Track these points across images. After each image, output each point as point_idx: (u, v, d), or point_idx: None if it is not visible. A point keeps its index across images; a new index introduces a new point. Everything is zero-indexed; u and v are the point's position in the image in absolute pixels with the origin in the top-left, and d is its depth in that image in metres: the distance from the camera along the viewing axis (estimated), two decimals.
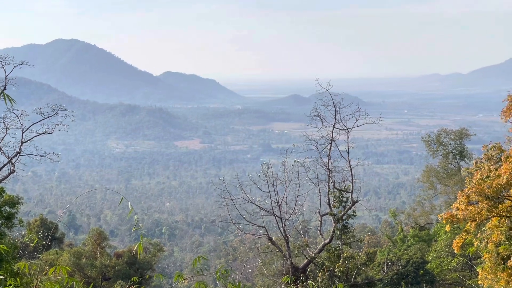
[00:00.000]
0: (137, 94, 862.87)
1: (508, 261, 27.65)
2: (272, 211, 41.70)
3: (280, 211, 41.66)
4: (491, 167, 34.74)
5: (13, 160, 40.99)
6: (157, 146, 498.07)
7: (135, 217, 12.39)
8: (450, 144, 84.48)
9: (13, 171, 40.96)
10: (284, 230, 41.67)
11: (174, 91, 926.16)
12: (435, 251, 64.97)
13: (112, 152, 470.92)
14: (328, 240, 42.28)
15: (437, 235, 69.96)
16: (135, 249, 12.41)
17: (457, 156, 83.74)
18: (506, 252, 25.53)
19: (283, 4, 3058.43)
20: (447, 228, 37.33)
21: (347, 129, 42.14)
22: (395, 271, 60.09)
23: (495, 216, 33.97)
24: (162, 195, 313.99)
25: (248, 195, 42.20)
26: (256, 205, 42.61)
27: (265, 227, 42.38)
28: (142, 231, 13.23)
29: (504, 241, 31.38)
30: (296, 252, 43.33)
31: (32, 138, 41.88)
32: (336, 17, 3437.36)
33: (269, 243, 44.70)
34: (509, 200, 33.63)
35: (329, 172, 42.17)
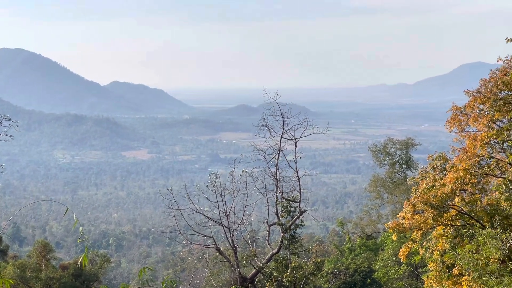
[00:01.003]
0: (84, 104, 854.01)
1: (453, 270, 27.96)
2: (220, 221, 41.59)
3: (228, 221, 41.58)
4: (436, 176, 35.19)
5: None
6: (105, 157, 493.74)
7: (80, 228, 12.20)
8: (396, 153, 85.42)
9: None
10: (232, 240, 41.59)
11: (122, 101, 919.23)
12: (382, 260, 65.50)
13: (58, 163, 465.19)
14: (276, 250, 42.29)
15: (384, 244, 70.55)
16: (80, 261, 12.21)
17: (403, 166, 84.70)
18: (451, 260, 25.84)
19: (232, 15, 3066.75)
20: (394, 237, 37.68)
21: (294, 139, 42.26)
22: (343, 280, 60.48)
23: (440, 225, 34.39)
24: (110, 206, 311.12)
25: (196, 205, 42.03)
26: (204, 215, 42.46)
27: (213, 238, 42.24)
28: (87, 243, 13.04)
29: (449, 249, 31.75)
30: (244, 262, 43.24)
31: None
32: (283, 28, 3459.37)
33: (217, 254, 44.57)
34: (454, 209, 34.08)
35: (277, 182, 42.22)
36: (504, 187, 30.68)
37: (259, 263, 42.28)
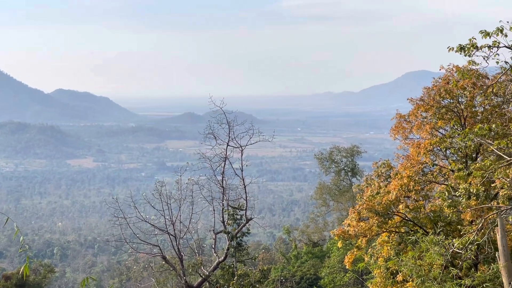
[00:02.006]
0: (27, 112, 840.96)
1: (397, 276, 28.28)
2: (166, 229, 41.32)
3: (174, 230, 41.34)
4: (381, 183, 35.57)
5: None
6: (49, 165, 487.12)
7: (21, 238, 12.01)
8: (342, 161, 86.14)
9: None
10: (178, 248, 41.36)
11: (67, 109, 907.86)
12: (328, 267, 65.90)
13: (1, 171, 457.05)
14: (222, 258, 42.18)
15: (330, 251, 71.01)
16: (21, 270, 12.02)
17: (349, 173, 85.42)
18: (395, 266, 26.14)
19: (175, 23, 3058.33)
20: (339, 244, 38.00)
21: (241, 146, 42.25)
22: (289, 287, 60.60)
23: (385, 231, 34.75)
24: (54, 215, 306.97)
25: (142, 214, 41.71)
26: (150, 223, 42.14)
27: (159, 246, 41.94)
28: (29, 252, 12.84)
29: (393, 256, 32.10)
30: (190, 270, 43.03)
31: None
32: (228, 37, 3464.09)
33: (163, 262, 44.25)
34: (398, 215, 34.47)
35: (223, 190, 42.14)
36: (446, 194, 31.14)
37: (205, 271, 42.13)
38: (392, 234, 34.95)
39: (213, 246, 44.08)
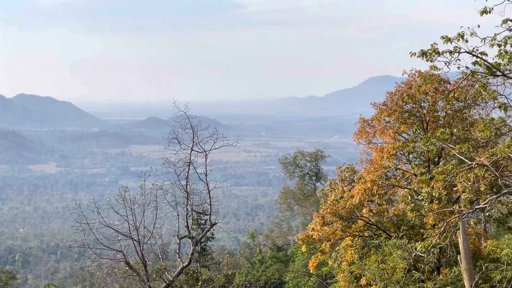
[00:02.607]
0: None
1: (361, 280, 28.43)
2: (130, 235, 41.11)
3: (138, 235, 41.14)
4: (344, 188, 35.76)
5: None
6: (10, 171, 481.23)
7: None
8: (306, 165, 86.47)
9: None
10: (142, 254, 41.17)
11: (29, 114, 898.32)
12: (292, 271, 66.02)
13: None
14: (186, 263, 42.09)
15: (295, 256, 71.15)
16: None
17: (313, 178, 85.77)
18: (358, 270, 26.28)
19: (138, 26, 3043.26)
20: (304, 248, 38.04)
21: (205, 151, 42.22)
22: None
23: (348, 235, 34.92)
24: (16, 221, 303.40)
25: (105, 219, 41.45)
26: (113, 229, 41.90)
27: (122, 252, 41.70)
28: None
29: (356, 260, 32.28)
30: (154, 276, 42.88)
31: None
32: (191, 41, 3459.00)
33: (127, 268, 44.03)
34: (362, 220, 34.66)
35: (188, 195, 42.07)
36: (409, 198, 31.40)
37: (170, 277, 41.98)
38: (356, 238, 35.14)
39: (177, 251, 43.96)
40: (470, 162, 20.61)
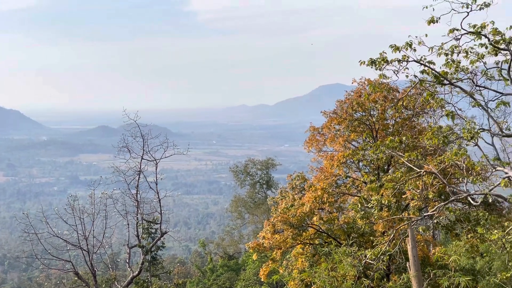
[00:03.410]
0: None
1: (312, 287, 28.49)
2: (79, 244, 40.61)
3: (87, 245, 40.66)
4: (295, 196, 35.87)
5: None
6: None
7: None
8: (257, 174, 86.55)
9: None
10: (91, 263, 40.69)
11: None
12: (243, 279, 65.91)
13: None
14: (136, 272, 41.71)
15: (246, 264, 71.09)
16: None
17: (264, 186, 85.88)
18: (309, 278, 26.32)
19: (88, 34, 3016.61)
20: (254, 256, 38.07)
21: (155, 160, 41.95)
22: None
23: (299, 243, 35.03)
24: None
25: (54, 229, 40.87)
26: (62, 239, 41.33)
27: (71, 262, 41.15)
28: None
29: (307, 267, 32.34)
30: (104, 286, 42.44)
31: None
32: (144, 49, 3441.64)
33: (76, 278, 43.45)
34: (312, 227, 34.79)
35: (138, 204, 41.74)
36: (359, 206, 31.60)
37: (119, 287, 41.57)
38: (307, 246, 35.26)
39: (127, 261, 43.55)
40: (418, 170, 20.82)
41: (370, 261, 23.28)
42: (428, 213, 23.72)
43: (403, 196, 28.26)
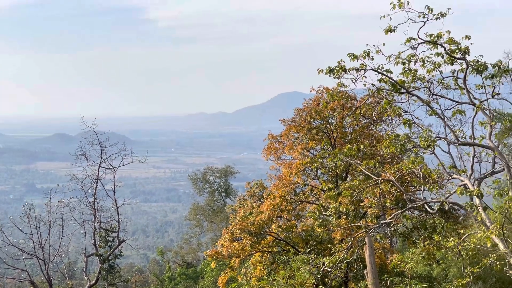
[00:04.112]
0: None
1: None
2: (35, 253, 40.11)
3: (43, 253, 40.18)
4: (253, 204, 35.87)
5: None
6: None
7: None
8: (215, 182, 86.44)
9: None
10: (47, 272, 40.20)
11: None
12: None
13: None
14: (93, 281, 41.31)
15: (204, 272, 70.86)
16: None
17: (223, 194, 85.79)
18: (267, 286, 26.33)
19: (45, 43, 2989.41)
20: (213, 265, 37.95)
21: (113, 168, 41.62)
22: None
23: (257, 251, 35.01)
24: None
25: (9, 238, 40.32)
26: (17, 248, 40.80)
27: (27, 271, 40.59)
28: None
29: (266, 275, 32.35)
30: None
31: None
32: (102, 57, 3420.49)
33: (32, 287, 42.92)
34: (271, 235, 34.81)
35: (95, 212, 41.36)
36: (318, 214, 31.71)
37: None
38: (265, 254, 35.26)
39: (84, 270, 43.12)
40: (376, 178, 20.95)
41: (328, 269, 23.36)
42: (386, 221, 23.88)
43: (361, 204, 28.40)
